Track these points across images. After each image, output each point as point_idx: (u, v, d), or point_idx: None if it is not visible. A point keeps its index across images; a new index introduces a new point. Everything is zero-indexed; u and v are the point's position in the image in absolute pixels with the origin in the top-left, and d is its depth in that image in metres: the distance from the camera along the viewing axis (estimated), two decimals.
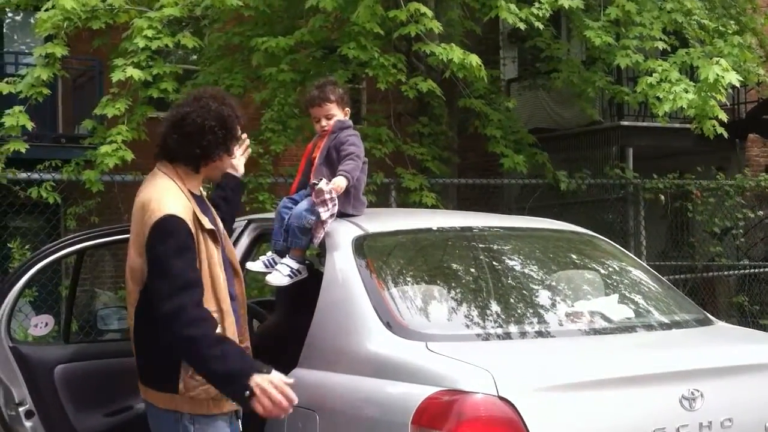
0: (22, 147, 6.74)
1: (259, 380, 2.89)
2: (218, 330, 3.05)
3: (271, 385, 2.88)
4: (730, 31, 8.61)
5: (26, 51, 12.19)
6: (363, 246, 3.58)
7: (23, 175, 6.94)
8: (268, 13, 8.09)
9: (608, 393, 2.93)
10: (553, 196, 10.67)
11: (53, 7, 6.90)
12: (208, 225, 3.16)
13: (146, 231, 3.00)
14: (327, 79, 4.36)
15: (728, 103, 7.64)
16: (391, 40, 7.65)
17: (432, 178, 8.51)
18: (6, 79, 7.12)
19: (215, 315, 3.10)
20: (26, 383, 3.60)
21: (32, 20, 12.58)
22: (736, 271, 11.40)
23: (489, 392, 2.77)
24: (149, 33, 6.96)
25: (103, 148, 6.87)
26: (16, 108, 6.78)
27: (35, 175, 7.04)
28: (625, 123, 12.73)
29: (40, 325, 3.92)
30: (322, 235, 3.75)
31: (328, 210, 3.74)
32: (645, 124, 12.66)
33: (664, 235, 12.12)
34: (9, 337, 3.60)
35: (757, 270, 11.50)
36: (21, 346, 3.68)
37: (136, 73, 6.93)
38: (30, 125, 6.77)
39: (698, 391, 3.04)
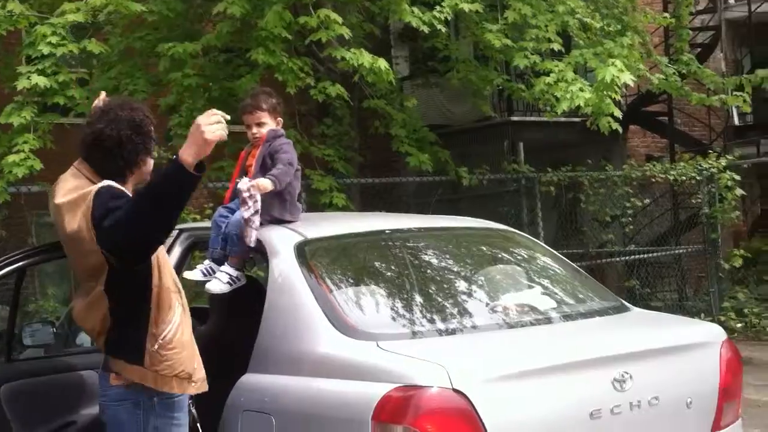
0: None
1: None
2: (179, 304, 3.28)
3: (197, 125, 2.96)
4: (614, 30, 9.09)
5: None
6: (305, 251, 3.70)
7: None
8: (171, 17, 8.05)
9: (550, 379, 3.15)
10: (452, 190, 11.00)
11: None
12: None
13: (89, 204, 3.06)
14: (262, 88, 4.46)
15: (620, 100, 8.07)
16: (292, 45, 7.75)
17: (339, 178, 8.66)
18: None
19: (175, 294, 3.30)
20: None
21: None
22: (625, 258, 12.00)
23: (444, 385, 2.95)
24: (53, 39, 6.84)
25: (11, 158, 6.72)
26: None
27: None
28: (515, 118, 13.21)
29: None
30: (252, 235, 3.85)
31: (250, 208, 3.84)
32: (533, 118, 13.15)
33: (555, 224, 12.66)
34: None
35: (645, 255, 12.15)
36: None
37: (42, 81, 6.81)
38: None
39: (627, 373, 3.30)
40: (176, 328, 3.28)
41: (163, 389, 3.22)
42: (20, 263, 3.72)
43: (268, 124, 4.16)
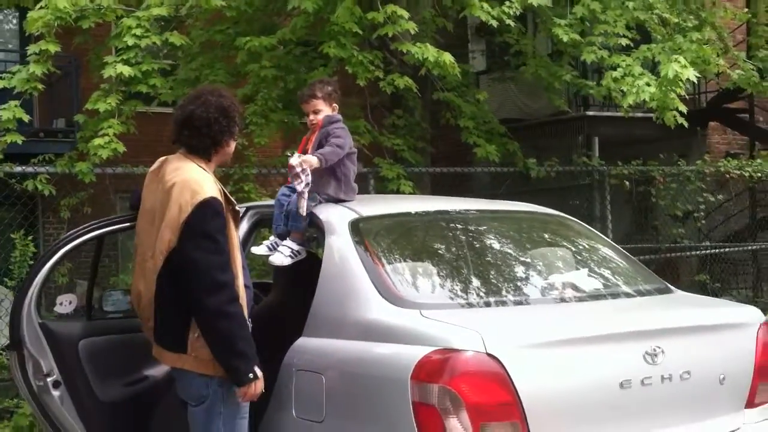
0: (19, 139, 7.02)
1: (259, 373, 3.43)
2: None
3: (260, 380, 3.44)
4: (691, 26, 9.09)
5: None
6: (359, 227, 3.96)
7: (18, 169, 7.22)
8: (249, 11, 8.42)
9: (581, 349, 3.34)
10: (523, 183, 11.11)
11: (45, 6, 7.17)
12: (237, 206, 3.60)
13: (189, 209, 3.39)
14: (318, 78, 4.75)
15: (686, 96, 8.07)
16: (366, 38, 8.02)
17: (408, 167, 8.91)
18: None
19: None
20: (53, 356, 3.93)
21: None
22: (697, 252, 11.92)
23: (478, 350, 3.17)
24: (138, 32, 7.27)
25: (96, 141, 7.17)
26: (12, 102, 7.06)
27: (29, 169, 7.33)
28: (591, 113, 13.20)
29: (65, 303, 4.26)
30: (304, 205, 4.13)
31: (302, 181, 4.11)
32: (609, 113, 13.11)
33: (629, 219, 12.64)
34: (38, 314, 3.94)
35: (717, 250, 12.04)
36: (49, 322, 4.02)
37: (126, 70, 7.24)
38: (27, 118, 7.07)
39: (659, 347, 3.46)
40: None
41: (205, 372, 3.49)
42: (100, 231, 4.09)
43: (323, 110, 4.44)
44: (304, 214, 4.13)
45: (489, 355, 3.17)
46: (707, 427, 3.60)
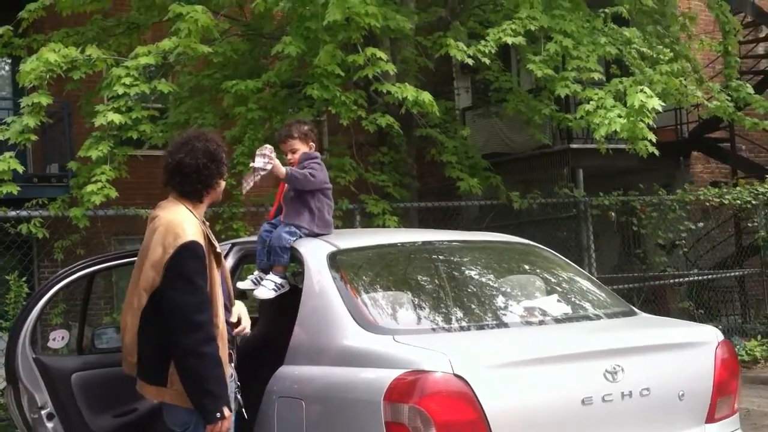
0: (14, 189, 7.27)
1: (227, 412, 3.58)
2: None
3: (227, 419, 3.59)
4: (666, 59, 9.40)
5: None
6: (336, 259, 4.19)
7: (13, 213, 7.45)
8: (236, 57, 8.73)
9: (544, 369, 3.54)
10: (511, 216, 11.36)
11: (36, 59, 7.44)
12: (218, 248, 3.78)
13: (170, 251, 3.57)
14: (295, 118, 5.02)
15: (654, 126, 8.32)
16: (351, 78, 8.31)
17: (394, 202, 9.16)
18: None
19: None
20: (47, 389, 4.13)
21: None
22: (682, 279, 12.12)
23: (446, 370, 3.37)
24: (127, 81, 7.54)
25: (89, 187, 7.41)
26: (7, 154, 7.31)
27: (24, 213, 7.57)
28: (574, 146, 13.43)
29: (57, 338, 4.47)
30: (249, 183, 4.46)
31: (260, 162, 4.44)
32: (592, 146, 13.29)
33: (618, 249, 12.86)
34: (32, 349, 4.15)
35: (701, 278, 12.25)
36: (42, 357, 4.22)
37: (116, 118, 7.50)
38: (21, 169, 7.31)
39: (619, 366, 3.66)
40: None
41: (184, 405, 3.63)
42: (90, 269, 4.31)
43: (300, 149, 4.71)
44: (244, 190, 4.49)
45: (456, 375, 3.37)
46: None
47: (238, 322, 4.01)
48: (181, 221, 3.68)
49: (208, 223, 3.97)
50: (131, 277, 3.86)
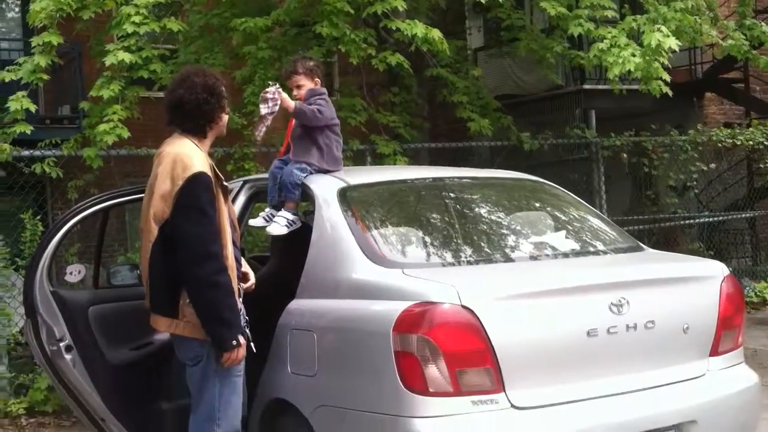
0: (27, 129, 7.31)
1: (241, 340, 3.68)
2: None
3: (242, 346, 3.69)
4: None
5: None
6: (346, 195, 4.24)
7: (26, 153, 7.51)
8: None
9: (550, 301, 3.61)
10: (522, 158, 11.35)
11: None
12: (224, 181, 3.85)
13: (179, 182, 3.63)
14: (301, 55, 5.02)
15: (669, 65, 8.25)
16: (361, 17, 8.25)
17: (404, 143, 9.16)
18: (7, 68, 7.65)
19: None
20: (65, 322, 4.23)
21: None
22: (693, 221, 12.12)
23: (454, 302, 3.44)
24: (137, 19, 7.52)
25: (101, 127, 7.44)
26: (20, 93, 7.33)
27: (37, 152, 7.62)
28: (587, 87, 13.32)
29: (74, 272, 4.56)
30: (261, 130, 4.47)
31: (268, 107, 4.43)
32: (605, 87, 13.24)
33: (629, 192, 12.85)
34: (50, 282, 4.24)
35: (712, 219, 12.26)
36: (60, 290, 4.31)
37: (127, 57, 7.50)
38: (33, 108, 7.34)
39: (625, 299, 3.72)
40: None
41: (196, 336, 3.74)
42: (105, 203, 4.38)
43: (305, 85, 4.72)
44: (258, 138, 4.49)
45: (464, 307, 3.44)
46: (672, 372, 3.85)
47: (246, 278, 4.08)
48: (188, 153, 3.73)
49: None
50: (141, 212, 3.92)
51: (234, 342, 3.65)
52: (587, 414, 3.58)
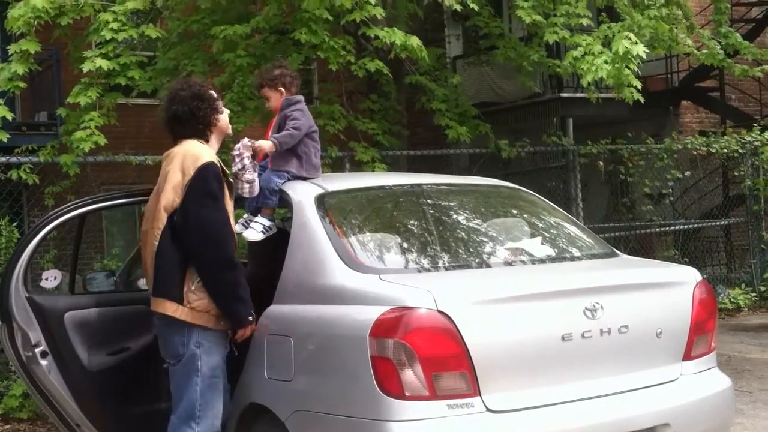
0: (4, 137, 7.27)
1: (254, 315, 3.94)
2: None
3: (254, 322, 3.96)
4: (657, 4, 9.37)
5: None
6: (324, 201, 4.26)
7: (2, 159, 7.47)
8: (224, 2, 8.68)
9: (525, 306, 3.64)
10: (500, 166, 11.42)
11: (24, 5, 7.38)
12: (230, 178, 4.07)
13: (191, 172, 3.81)
14: (270, 64, 5.06)
15: (638, 73, 8.34)
16: (340, 24, 8.28)
17: (383, 150, 9.19)
18: None
19: None
20: (40, 328, 4.22)
21: None
22: (668, 228, 12.24)
23: (430, 307, 3.47)
24: (115, 26, 7.52)
25: (78, 134, 7.43)
26: None
27: (14, 159, 7.58)
28: (564, 95, 13.47)
29: (50, 278, 4.55)
30: (242, 187, 4.42)
31: (237, 164, 4.42)
32: (582, 95, 13.34)
33: (606, 199, 12.96)
34: (25, 288, 4.22)
35: (687, 226, 12.39)
36: (35, 296, 4.29)
37: (104, 64, 7.49)
38: (10, 116, 7.31)
39: (599, 303, 3.76)
40: None
41: (200, 323, 3.90)
42: (81, 209, 4.39)
43: (272, 96, 4.76)
44: (244, 194, 4.45)
45: (440, 311, 3.47)
46: (645, 376, 3.90)
47: None
48: (197, 149, 3.94)
49: None
50: (147, 207, 4.08)
51: (250, 318, 3.90)
52: (562, 417, 3.62)
